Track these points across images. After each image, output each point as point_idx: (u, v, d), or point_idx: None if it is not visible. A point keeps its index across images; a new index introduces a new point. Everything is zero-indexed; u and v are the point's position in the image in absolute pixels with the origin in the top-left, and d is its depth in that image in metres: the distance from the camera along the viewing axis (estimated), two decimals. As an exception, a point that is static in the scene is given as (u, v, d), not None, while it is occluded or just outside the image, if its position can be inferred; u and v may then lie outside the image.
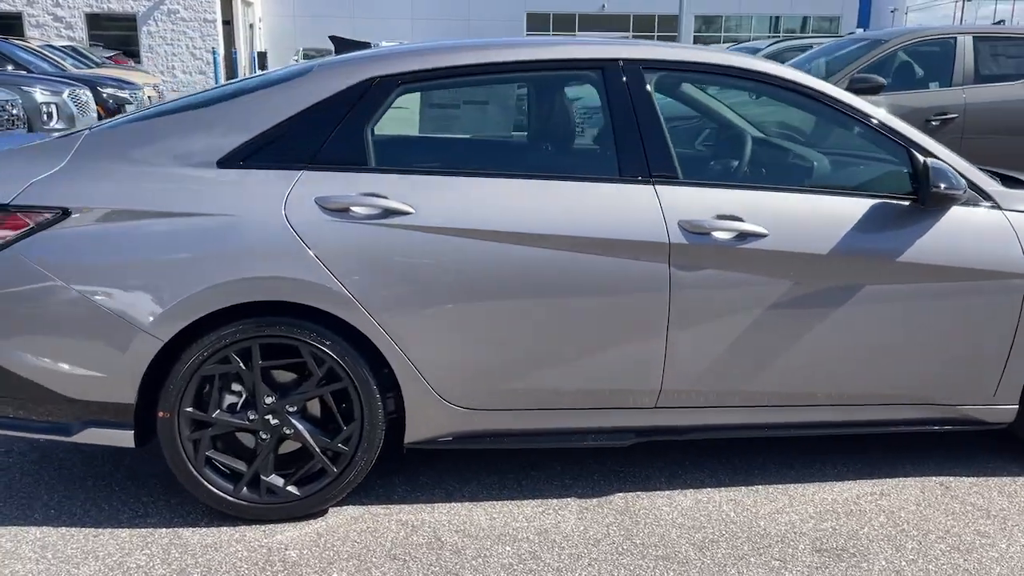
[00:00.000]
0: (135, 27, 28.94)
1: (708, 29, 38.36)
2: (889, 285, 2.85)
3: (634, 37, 36.91)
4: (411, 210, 2.65)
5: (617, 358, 2.79)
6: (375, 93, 2.76)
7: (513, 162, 2.98)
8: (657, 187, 2.78)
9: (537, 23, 37.84)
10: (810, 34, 38.94)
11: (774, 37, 39.63)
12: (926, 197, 2.77)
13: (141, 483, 2.99)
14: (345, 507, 2.85)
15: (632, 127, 2.80)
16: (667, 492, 2.99)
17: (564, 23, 38.05)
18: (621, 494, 2.97)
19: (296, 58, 29.47)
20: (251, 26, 30.71)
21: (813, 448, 3.29)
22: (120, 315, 2.55)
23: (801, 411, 2.95)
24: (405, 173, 2.72)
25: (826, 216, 2.83)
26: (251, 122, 2.71)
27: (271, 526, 2.74)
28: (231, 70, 29.97)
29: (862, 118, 2.92)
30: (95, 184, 2.61)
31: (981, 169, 3.09)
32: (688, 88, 3.20)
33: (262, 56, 32.17)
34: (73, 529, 2.71)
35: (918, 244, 2.85)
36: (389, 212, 2.64)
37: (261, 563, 2.54)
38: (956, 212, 2.88)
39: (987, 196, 2.94)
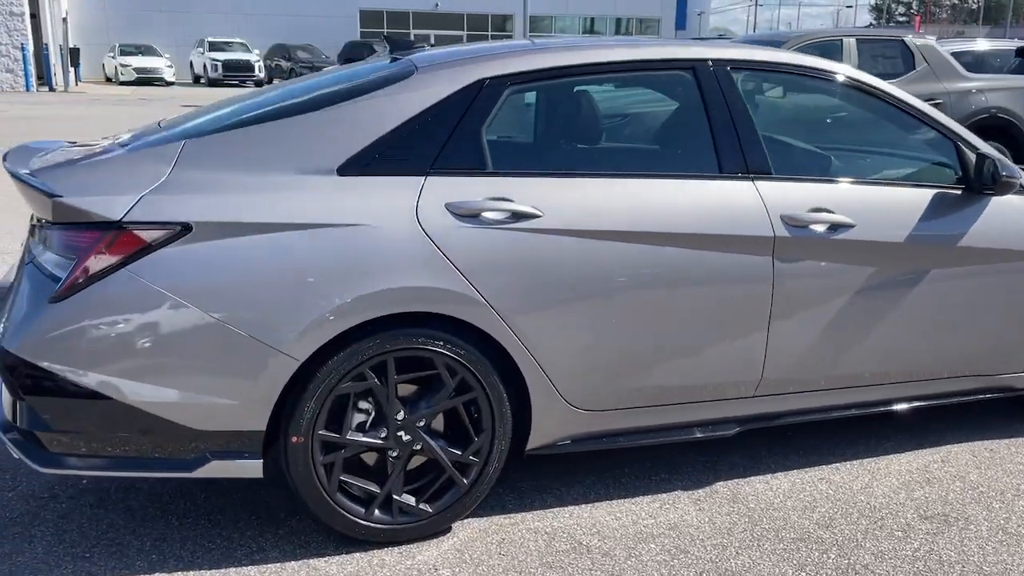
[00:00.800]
0: (-74, 20, 26.07)
1: (536, 29, 39.24)
2: (952, 268, 3.10)
3: (468, 36, 37.24)
4: (539, 213, 2.61)
5: (725, 350, 2.87)
6: (487, 95, 2.69)
7: (625, 161, 2.99)
8: (756, 183, 2.88)
9: (371, 20, 37.33)
10: (630, 35, 40.70)
11: (590, 36, 41.17)
12: (996, 185, 3.04)
13: (233, 515, 2.77)
14: (466, 521, 2.77)
15: (728, 124, 2.89)
16: (761, 477, 3.11)
17: (398, 20, 37.76)
18: (721, 483, 3.06)
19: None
20: (64, 20, 28.39)
21: (862, 426, 3.50)
22: (252, 336, 2.36)
23: (876, 390, 3.16)
24: (526, 175, 2.68)
25: (899, 206, 3.04)
26: (367, 127, 2.58)
27: (404, 548, 2.63)
28: (41, 67, 27.62)
29: (919, 115, 3.16)
30: (214, 196, 2.40)
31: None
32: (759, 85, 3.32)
33: (74, 52, 29.82)
34: (191, 574, 2.48)
35: (974, 229, 3.11)
36: (518, 216, 2.59)
37: (419, 586, 2.44)
38: (1003, 200, 3.17)
39: (1022, 185, 3.24)
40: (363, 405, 2.56)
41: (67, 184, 2.36)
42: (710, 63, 2.95)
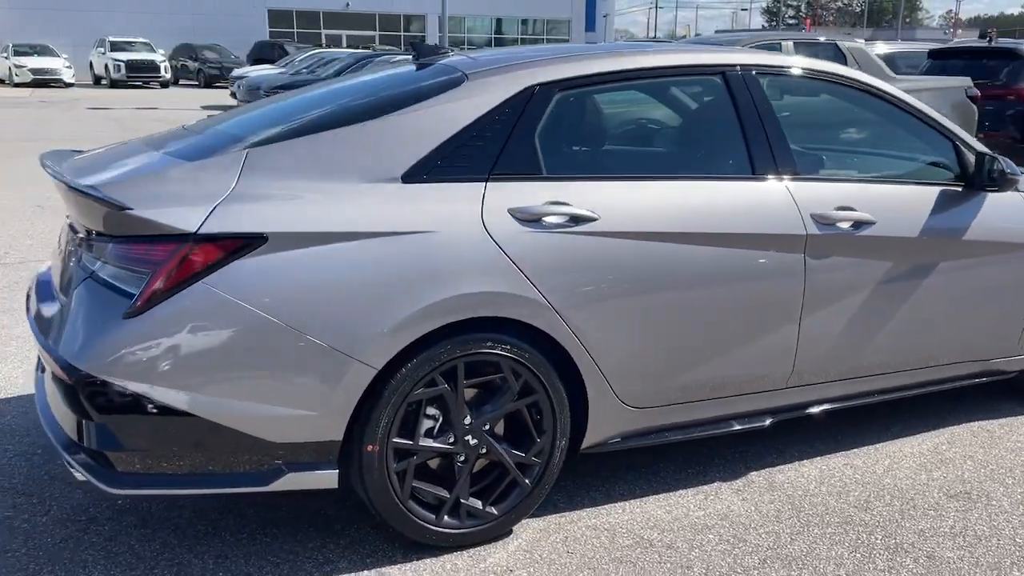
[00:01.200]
0: None
1: (456, 30, 39.23)
2: (956, 260, 3.29)
3: (379, 37, 36.92)
4: (596, 216, 2.67)
5: (762, 344, 2.99)
6: (538, 101, 2.73)
7: (669, 164, 3.05)
8: (787, 183, 3.00)
9: (279, 20, 36.57)
10: (535, 35, 41.10)
11: (498, 37, 41.41)
12: (1001, 182, 3.24)
13: (288, 528, 2.73)
14: (525, 522, 2.79)
15: (759, 126, 3.01)
16: (789, 465, 3.24)
17: (308, 20, 37.11)
18: (754, 472, 3.18)
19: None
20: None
21: (865, 412, 3.66)
22: (331, 346, 2.34)
23: (892, 377, 3.33)
24: (578, 179, 2.73)
25: (911, 203, 3.22)
26: (427, 134, 2.59)
27: (472, 552, 2.64)
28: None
29: (922, 117, 3.35)
30: (286, 205, 2.37)
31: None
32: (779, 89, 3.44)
33: (-38, 53, 28.28)
34: (267, 589, 2.44)
35: (975, 224, 3.32)
36: (576, 219, 2.64)
37: (499, 588, 2.46)
38: (998, 196, 3.38)
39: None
40: (430, 411, 2.56)
41: (134, 196, 2.29)
42: (738, 68, 3.06)
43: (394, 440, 2.48)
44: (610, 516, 2.86)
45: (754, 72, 3.08)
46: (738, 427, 3.06)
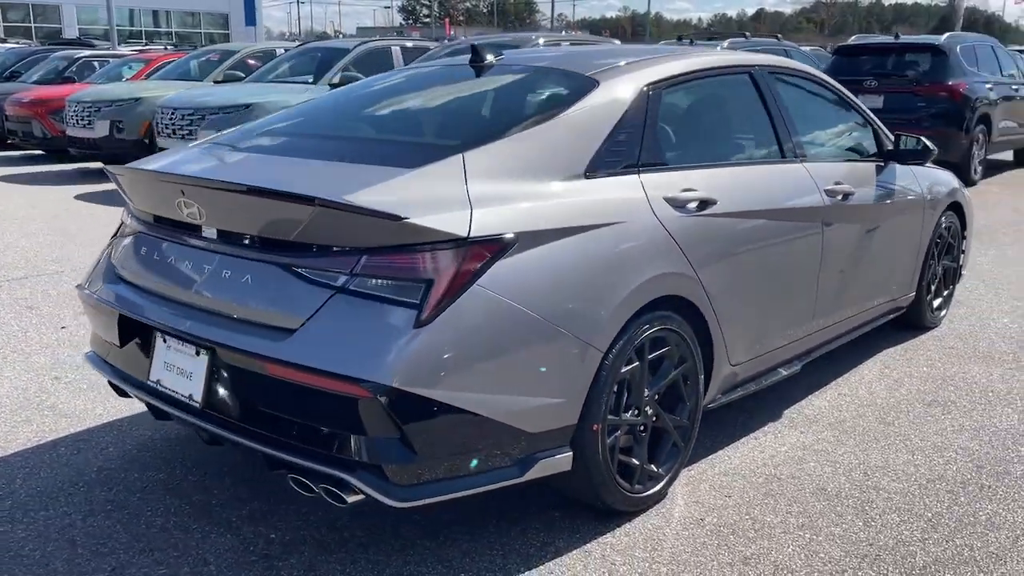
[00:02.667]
0: None
1: (89, 21, 35.66)
2: (889, 219, 4.12)
3: (4, 28, 32.56)
4: (716, 199, 3.03)
5: (801, 298, 3.56)
6: (654, 98, 3.02)
7: (741, 152, 3.42)
8: (803, 165, 3.59)
9: None
10: (191, 28, 38.91)
11: (151, 30, 38.67)
12: (925, 156, 4.11)
13: (478, 524, 2.76)
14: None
15: (781, 117, 3.56)
16: (804, 402, 3.84)
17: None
18: (786, 411, 3.74)
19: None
20: None
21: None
22: (573, 334, 2.47)
23: (858, 316, 4.08)
24: (692, 168, 3.07)
25: (864, 176, 3.98)
26: (591, 133, 2.79)
27: (656, 511, 2.88)
28: None
29: (855, 107, 4.14)
30: (520, 206, 2.45)
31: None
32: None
33: None
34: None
35: (897, 189, 4.18)
36: (704, 203, 2.99)
37: (723, 535, 2.74)
38: (900, 168, 4.27)
39: (910, 158, 4.38)
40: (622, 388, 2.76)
41: (394, 206, 2.23)
42: (758, 67, 3.59)
43: (609, 417, 2.66)
44: (725, 463, 3.25)
45: (768, 71, 3.63)
46: (785, 373, 3.59)
